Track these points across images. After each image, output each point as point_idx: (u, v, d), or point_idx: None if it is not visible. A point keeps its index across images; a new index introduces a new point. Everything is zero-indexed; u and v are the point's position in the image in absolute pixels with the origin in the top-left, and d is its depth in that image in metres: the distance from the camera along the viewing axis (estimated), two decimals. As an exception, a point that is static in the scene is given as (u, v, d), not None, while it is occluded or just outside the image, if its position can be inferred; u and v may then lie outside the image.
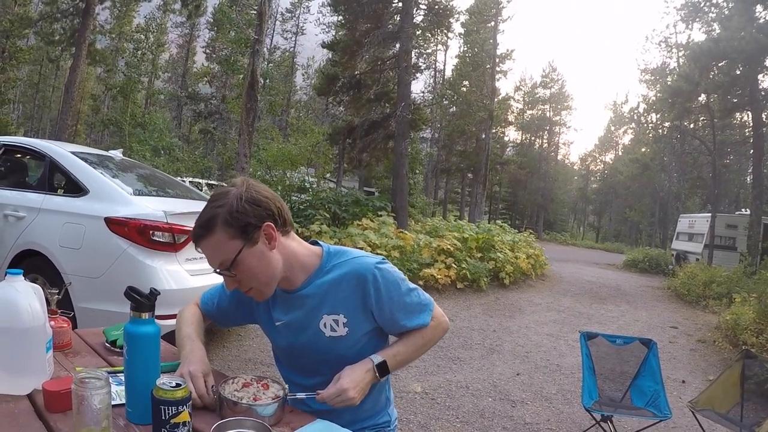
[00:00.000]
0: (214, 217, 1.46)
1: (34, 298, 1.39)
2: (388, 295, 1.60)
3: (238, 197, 1.47)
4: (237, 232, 1.46)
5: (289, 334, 1.69)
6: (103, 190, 4.31)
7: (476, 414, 4.51)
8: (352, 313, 1.61)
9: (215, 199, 1.50)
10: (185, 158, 23.11)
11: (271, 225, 1.50)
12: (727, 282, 12.38)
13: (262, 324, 1.81)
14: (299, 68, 48.81)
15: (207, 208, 1.50)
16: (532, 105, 55.22)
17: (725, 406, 3.97)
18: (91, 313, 3.87)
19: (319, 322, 1.62)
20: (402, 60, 17.63)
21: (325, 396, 1.47)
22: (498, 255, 11.89)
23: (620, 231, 56.82)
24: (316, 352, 1.65)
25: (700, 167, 30.56)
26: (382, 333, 1.71)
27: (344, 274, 1.61)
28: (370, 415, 1.77)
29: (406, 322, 1.65)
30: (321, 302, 1.62)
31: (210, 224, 1.46)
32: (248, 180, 1.56)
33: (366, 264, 1.61)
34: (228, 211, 1.45)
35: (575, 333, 7.50)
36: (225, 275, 1.52)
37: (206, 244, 1.49)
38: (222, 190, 1.55)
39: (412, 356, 1.70)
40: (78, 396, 1.12)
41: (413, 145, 25.66)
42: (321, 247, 1.70)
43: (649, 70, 34.36)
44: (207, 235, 1.47)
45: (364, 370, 1.55)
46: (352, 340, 1.62)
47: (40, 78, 42.06)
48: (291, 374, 1.78)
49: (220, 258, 1.49)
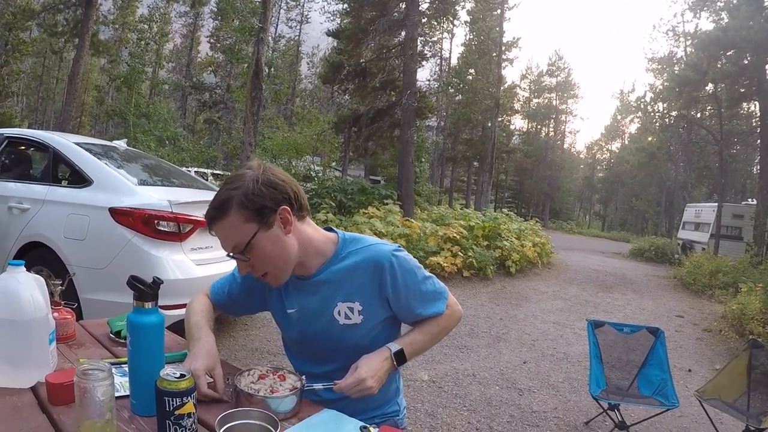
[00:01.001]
0: (230, 199, 1.42)
1: (36, 289, 1.37)
2: (404, 282, 1.58)
3: (255, 179, 1.43)
4: (252, 214, 1.43)
5: (302, 322, 1.66)
6: (107, 181, 4.29)
7: (483, 402, 4.50)
8: (368, 301, 1.59)
9: (231, 182, 1.47)
10: (190, 148, 23.10)
11: (287, 209, 1.48)
12: (733, 272, 12.34)
13: (273, 312, 1.77)
14: (304, 57, 48.65)
15: (222, 190, 1.47)
16: (539, 93, 54.91)
17: (732, 396, 3.96)
18: (97, 304, 3.86)
19: (333, 310, 1.59)
20: (408, 48, 17.52)
21: (343, 386, 1.44)
22: (504, 243, 11.86)
23: (626, 220, 56.65)
24: (329, 340, 1.63)
25: (707, 157, 30.31)
26: (396, 321, 1.69)
27: (360, 261, 1.59)
28: (380, 404, 1.74)
29: (422, 310, 1.63)
30: (336, 289, 1.59)
31: (225, 206, 1.43)
32: (264, 163, 1.53)
33: (383, 251, 1.59)
34: (244, 193, 1.42)
35: (581, 321, 7.48)
36: (238, 259, 1.49)
37: (220, 226, 1.46)
38: (238, 172, 1.51)
39: (428, 345, 1.68)
40: (80, 388, 1.10)
41: (419, 133, 25.58)
42: (336, 234, 1.68)
43: (656, 59, 34.14)
44: (221, 217, 1.44)
45: (381, 359, 1.53)
46: (366, 329, 1.60)
47: (43, 70, 42.03)
48: (301, 363, 1.75)
49: (234, 241, 1.46)
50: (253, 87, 9.99)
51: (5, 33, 27.99)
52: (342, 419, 1.37)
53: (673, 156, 36.78)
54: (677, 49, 32.56)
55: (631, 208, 53.20)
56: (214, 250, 4.52)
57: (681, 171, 37.91)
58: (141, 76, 31.18)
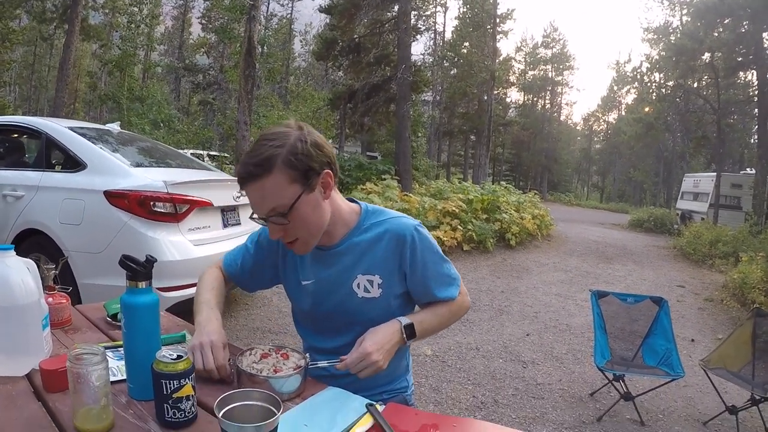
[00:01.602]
0: (274, 156, 1.32)
1: (27, 274, 1.32)
2: (423, 259, 1.54)
3: (302, 139, 1.35)
4: (299, 175, 1.35)
5: (318, 294, 1.60)
6: (101, 164, 4.23)
7: (487, 375, 4.49)
8: (388, 274, 1.55)
9: (272, 138, 1.35)
10: (185, 130, 22.95)
11: (329, 173, 1.42)
12: (733, 241, 12.37)
13: (286, 284, 1.71)
14: (297, 34, 48.24)
15: (262, 146, 1.35)
16: (534, 65, 54.60)
17: (737, 365, 3.97)
18: (95, 289, 3.84)
19: (352, 282, 1.55)
20: (401, 22, 17.37)
21: (348, 362, 1.39)
22: (503, 216, 11.84)
23: (624, 191, 56.63)
24: (345, 313, 1.58)
25: (705, 126, 30.13)
26: (410, 300, 1.64)
27: (382, 233, 1.54)
28: (390, 380, 1.70)
29: (437, 291, 1.59)
30: (357, 261, 1.55)
31: (268, 164, 1.32)
32: (301, 122, 1.44)
33: (406, 224, 1.55)
34: (290, 151, 1.33)
35: (583, 293, 7.49)
36: (275, 222, 1.39)
37: (259, 185, 1.34)
38: (277, 129, 1.40)
39: (437, 327, 1.64)
40: (74, 374, 1.06)
41: (415, 107, 25.42)
42: (359, 205, 1.63)
43: (652, 29, 33.84)
44: (263, 175, 1.32)
45: (389, 332, 1.47)
46: (383, 302, 1.56)
47: (34, 58, 41.61)
48: (312, 337, 1.71)
49: (274, 203, 1.36)
50: (246, 65, 9.88)
51: (-7, 23, 27.64)
52: (347, 397, 1.34)
53: (670, 126, 36.63)
54: (673, 18, 32.27)
55: (629, 179, 53.17)
56: (211, 230, 4.49)
57: (679, 141, 37.81)
58: (133, 60, 30.87)
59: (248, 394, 1.02)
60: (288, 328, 5.25)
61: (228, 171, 9.38)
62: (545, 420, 3.77)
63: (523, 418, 3.77)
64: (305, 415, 1.22)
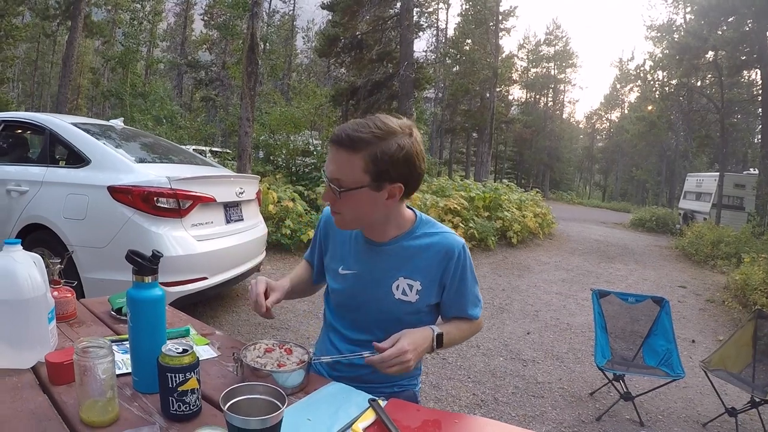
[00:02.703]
0: (367, 142, 1.40)
1: (33, 268, 1.34)
2: (462, 275, 1.62)
3: (400, 144, 1.42)
4: (374, 171, 1.41)
5: (357, 285, 1.66)
6: (105, 160, 4.25)
7: (488, 373, 4.50)
8: (428, 284, 1.60)
9: (380, 127, 1.42)
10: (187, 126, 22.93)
11: (401, 187, 1.47)
12: (735, 242, 12.33)
13: (329, 271, 1.78)
14: (299, 31, 48.18)
15: (368, 126, 1.42)
16: (537, 63, 54.52)
17: (737, 366, 3.97)
18: (99, 284, 3.86)
19: (393, 282, 1.61)
20: (404, 19, 17.38)
21: (386, 356, 1.40)
22: (505, 214, 11.84)
23: (626, 190, 56.57)
24: (378, 310, 1.64)
25: (708, 126, 30.04)
26: (437, 311, 1.71)
27: (433, 243, 1.60)
28: (403, 376, 1.74)
29: (467, 307, 1.67)
30: (402, 264, 1.61)
31: (358, 145, 1.40)
32: (415, 129, 1.50)
33: (456, 241, 1.62)
34: (382, 149, 1.40)
35: (584, 292, 7.49)
36: (331, 189, 1.47)
37: (342, 155, 1.42)
38: (392, 122, 1.45)
39: (455, 341, 1.70)
40: (80, 366, 1.07)
41: (417, 104, 25.39)
42: (414, 213, 1.69)
43: (656, 27, 33.70)
44: (349, 149, 1.40)
45: (424, 336, 1.51)
46: (416, 308, 1.62)
47: (37, 55, 41.62)
48: (339, 323, 1.76)
49: (340, 175, 1.44)
50: (249, 62, 9.86)
51: (-3, 20, 27.63)
52: (350, 392, 1.36)
53: (673, 125, 36.57)
54: (676, 16, 32.05)
55: (632, 178, 53.10)
56: (214, 225, 4.51)
57: (681, 140, 37.73)
58: (135, 56, 30.87)
59: (253, 388, 1.03)
60: (289, 324, 5.26)
61: (230, 167, 9.38)
62: (545, 419, 3.77)
63: (522, 417, 3.78)
64: (308, 409, 1.24)
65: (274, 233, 8.04)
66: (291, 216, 8.42)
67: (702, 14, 19.06)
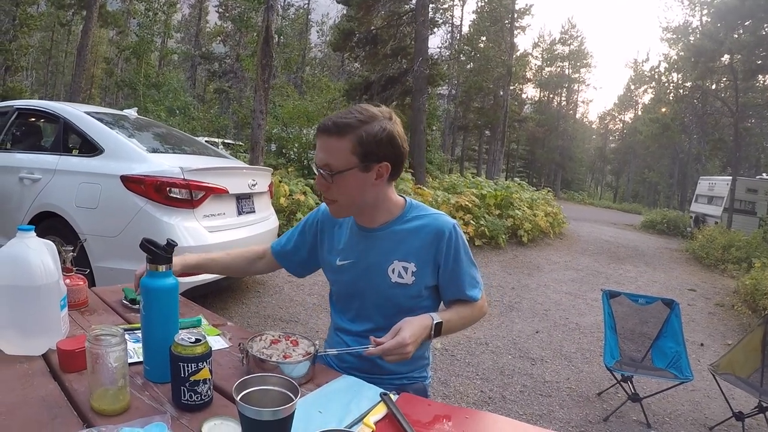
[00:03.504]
0: (352, 126, 1.49)
1: (46, 255, 1.34)
2: (457, 255, 1.65)
3: (383, 126, 1.51)
4: (361, 152, 1.50)
5: (354, 273, 1.70)
6: (118, 149, 4.26)
7: (496, 371, 4.49)
8: (422, 264, 1.64)
9: (362, 112, 1.52)
10: (200, 117, 23.02)
11: (388, 166, 1.55)
12: (746, 246, 12.23)
13: (325, 266, 1.84)
14: (313, 25, 48.12)
15: (351, 114, 1.52)
16: (551, 62, 54.28)
17: (746, 371, 3.94)
18: (109, 273, 3.87)
19: (388, 267, 1.64)
20: (419, 14, 17.32)
21: (386, 347, 1.42)
22: (516, 212, 11.80)
23: (638, 192, 56.30)
24: (376, 295, 1.68)
25: (722, 129, 29.90)
26: (437, 295, 1.74)
27: (423, 225, 1.65)
28: (411, 368, 1.77)
29: (465, 288, 1.68)
30: (395, 247, 1.65)
31: (344, 130, 1.49)
32: (394, 113, 1.60)
33: (446, 221, 1.67)
34: (366, 131, 1.49)
35: (594, 292, 7.46)
36: (322, 176, 1.54)
37: (329, 142, 1.51)
38: (372, 108, 1.56)
39: (457, 327, 1.70)
40: (92, 354, 1.07)
41: (431, 101, 25.35)
42: (404, 199, 1.75)
43: (672, 28, 33.59)
44: (335, 135, 1.49)
45: (422, 326, 1.53)
46: (413, 291, 1.65)
47: (52, 44, 41.75)
48: (341, 319, 1.81)
49: (329, 160, 1.52)
50: (263, 55, 9.87)
51: (13, 8, 27.80)
52: (362, 386, 1.36)
53: (687, 127, 36.39)
54: (693, 18, 32.01)
55: (644, 180, 52.86)
56: (226, 217, 4.52)
57: (695, 143, 37.51)
58: (150, 47, 30.95)
59: (266, 379, 1.03)
60: (299, 317, 5.27)
61: (243, 159, 9.40)
62: (552, 418, 3.76)
63: (530, 415, 3.77)
64: (320, 402, 1.24)
65: (285, 226, 8.05)
66: (302, 209, 8.44)
67: (719, 17, 18.93)
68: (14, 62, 29.54)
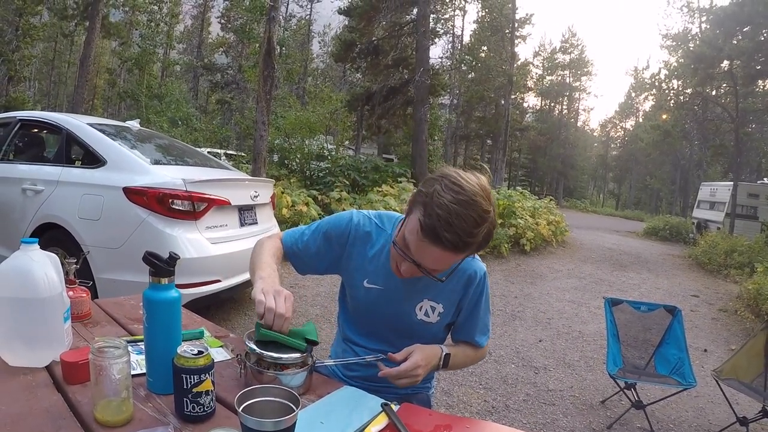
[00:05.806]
0: (478, 245, 1.39)
1: (50, 267, 1.34)
2: (478, 301, 1.69)
3: (493, 223, 1.39)
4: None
5: (379, 300, 1.68)
6: (121, 160, 4.28)
7: (499, 380, 4.49)
8: (449, 306, 1.67)
9: (484, 225, 1.36)
10: (203, 128, 23.08)
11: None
12: (748, 251, 12.20)
13: (349, 280, 1.76)
14: (315, 36, 48.31)
15: (479, 231, 1.35)
16: (552, 70, 54.39)
17: (749, 376, 3.93)
18: (112, 284, 3.88)
19: (417, 304, 1.65)
20: (420, 25, 17.40)
21: (401, 369, 1.44)
22: (519, 221, 11.79)
23: (640, 198, 56.29)
24: (396, 328, 1.69)
25: (723, 135, 29.88)
26: (447, 332, 1.77)
27: (459, 267, 1.60)
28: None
29: (477, 335, 1.73)
30: (428, 287, 1.63)
31: (467, 249, 1.38)
32: (487, 191, 1.39)
33: (480, 267, 1.68)
34: (486, 239, 1.39)
35: (597, 300, 7.45)
36: (423, 273, 1.46)
37: (447, 255, 1.39)
38: (485, 203, 1.35)
39: (459, 365, 1.75)
40: (96, 366, 1.08)
41: (432, 111, 25.38)
42: None
43: (671, 36, 33.71)
44: (458, 251, 1.38)
45: (434, 354, 1.56)
46: (435, 329, 1.69)
47: (54, 54, 41.94)
48: (353, 331, 1.79)
49: (440, 268, 1.46)
50: (265, 66, 9.91)
51: (15, 18, 27.97)
52: (363, 396, 1.36)
53: (688, 134, 36.38)
54: (692, 25, 32.15)
55: (646, 187, 52.85)
56: (229, 228, 4.53)
57: (696, 149, 37.53)
58: (152, 58, 31.12)
59: (267, 391, 1.04)
60: (301, 328, 5.26)
61: (245, 170, 9.42)
62: (556, 426, 3.75)
63: (533, 424, 3.76)
64: (321, 412, 1.24)
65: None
66: (305, 220, 8.45)
67: (718, 24, 19.01)
68: (17, 72, 29.68)
